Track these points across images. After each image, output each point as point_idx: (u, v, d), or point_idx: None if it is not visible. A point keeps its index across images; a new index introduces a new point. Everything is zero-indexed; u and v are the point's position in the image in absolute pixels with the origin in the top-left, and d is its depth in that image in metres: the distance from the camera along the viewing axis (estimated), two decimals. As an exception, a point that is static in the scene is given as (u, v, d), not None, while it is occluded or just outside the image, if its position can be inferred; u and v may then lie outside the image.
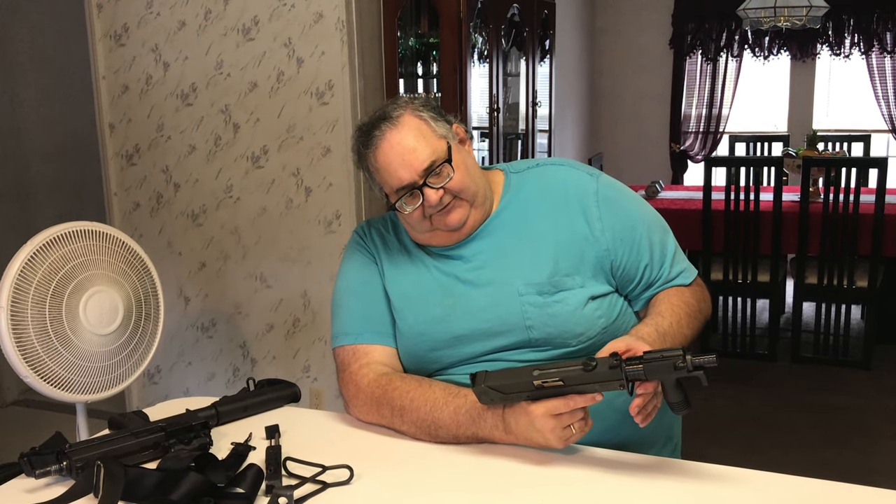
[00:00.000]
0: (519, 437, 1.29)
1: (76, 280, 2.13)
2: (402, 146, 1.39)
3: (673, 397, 1.22)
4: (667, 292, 1.49)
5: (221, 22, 3.02)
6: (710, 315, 1.56)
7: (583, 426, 1.25)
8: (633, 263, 1.46)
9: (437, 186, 1.39)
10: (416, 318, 1.46)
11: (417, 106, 1.44)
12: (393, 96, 3.09)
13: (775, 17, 4.43)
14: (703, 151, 6.32)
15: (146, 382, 3.43)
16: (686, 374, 1.18)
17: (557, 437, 1.24)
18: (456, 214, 1.42)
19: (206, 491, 1.17)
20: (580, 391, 1.21)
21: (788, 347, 4.20)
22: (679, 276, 1.51)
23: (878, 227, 3.85)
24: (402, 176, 1.39)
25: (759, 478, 1.23)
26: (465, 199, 1.42)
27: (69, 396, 2.11)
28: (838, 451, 3.16)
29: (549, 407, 1.23)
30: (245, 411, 1.51)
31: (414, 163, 1.38)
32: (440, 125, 1.43)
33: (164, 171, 3.23)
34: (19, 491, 1.25)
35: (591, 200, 1.46)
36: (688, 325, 1.44)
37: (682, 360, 1.17)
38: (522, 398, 1.25)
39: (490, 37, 3.44)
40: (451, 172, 1.39)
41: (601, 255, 1.44)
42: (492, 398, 1.27)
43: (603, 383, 1.20)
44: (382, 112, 1.43)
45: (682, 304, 1.46)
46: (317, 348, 3.13)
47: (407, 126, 1.40)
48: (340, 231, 2.99)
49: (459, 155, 1.43)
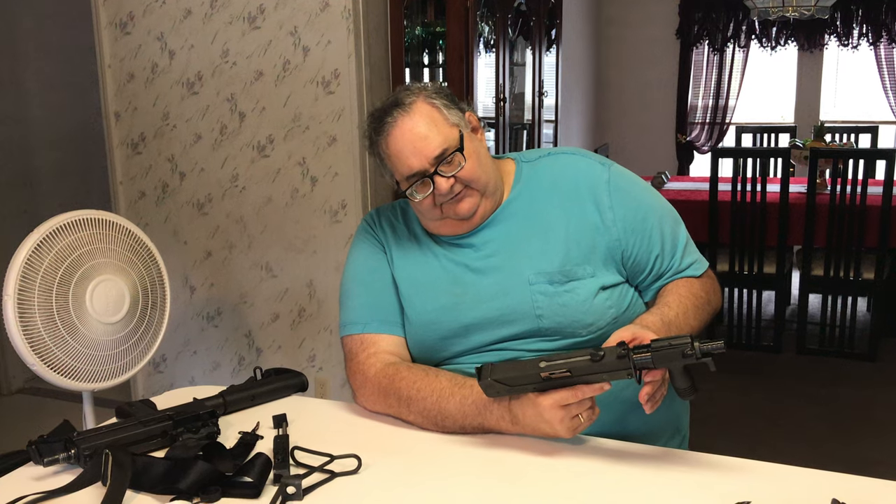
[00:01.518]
0: (526, 428, 1.29)
1: (82, 269, 2.13)
2: (414, 133, 1.38)
3: (681, 383, 1.22)
4: (675, 283, 1.49)
5: (227, 10, 3.01)
6: (719, 307, 1.55)
7: (591, 415, 1.24)
8: (644, 254, 1.46)
9: (448, 175, 1.38)
10: (425, 307, 1.46)
11: (430, 93, 1.42)
12: (399, 85, 3.08)
13: (783, 7, 4.41)
14: (710, 142, 6.31)
15: (152, 371, 3.44)
16: (694, 360, 1.18)
17: (566, 427, 1.24)
18: (466, 203, 1.41)
19: (213, 480, 1.17)
20: (588, 381, 1.21)
21: (794, 339, 4.20)
22: (689, 268, 1.50)
23: (885, 219, 3.83)
24: (412, 163, 1.38)
25: (765, 469, 1.23)
26: (476, 188, 1.41)
27: (76, 385, 2.11)
28: (843, 443, 3.16)
29: (556, 398, 1.22)
30: (252, 400, 1.51)
31: (425, 150, 1.37)
32: (453, 113, 1.42)
33: (169, 160, 3.22)
34: (27, 479, 1.25)
35: (602, 190, 1.45)
36: (694, 317, 1.43)
37: (690, 348, 1.17)
38: (529, 390, 1.25)
39: (497, 26, 3.43)
40: (463, 161, 1.39)
41: (612, 245, 1.43)
42: (498, 391, 1.27)
43: (611, 373, 1.20)
44: (395, 98, 1.42)
45: (689, 296, 1.46)
46: (322, 338, 3.14)
47: (419, 113, 1.39)
48: (346, 220, 2.99)
49: (472, 144, 1.42)
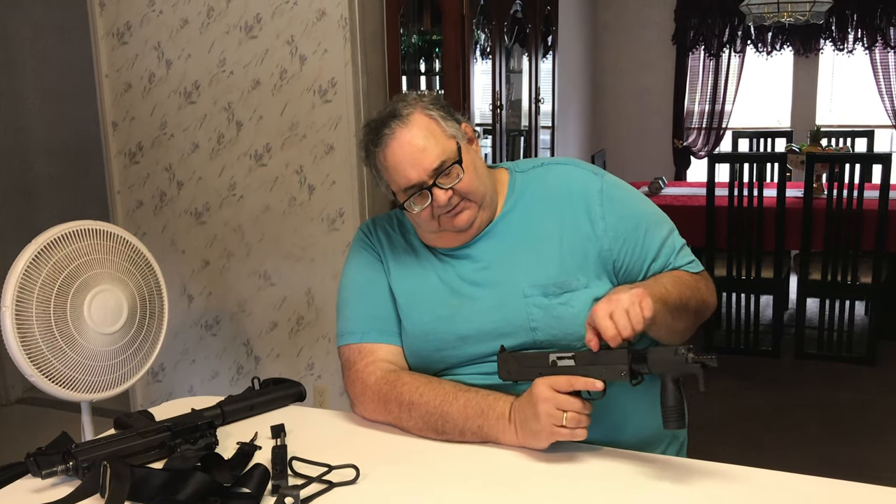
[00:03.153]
0: (517, 424, 1.30)
1: (80, 279, 2.13)
2: (412, 145, 1.38)
3: (670, 400, 1.20)
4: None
5: (224, 19, 3.02)
6: (712, 303, 1.51)
7: (576, 421, 1.24)
8: (637, 263, 1.45)
9: (446, 187, 1.38)
10: (422, 318, 1.46)
11: (427, 104, 1.42)
12: (396, 93, 3.08)
13: (778, 12, 4.42)
14: (706, 147, 6.32)
15: (150, 380, 3.44)
16: (686, 361, 1.17)
17: (548, 421, 1.24)
18: (464, 216, 1.42)
19: (212, 491, 1.17)
20: (587, 374, 1.24)
21: (792, 344, 4.20)
22: (682, 267, 1.48)
23: (881, 223, 3.84)
24: (411, 175, 1.38)
25: (764, 476, 1.23)
26: (473, 199, 1.41)
27: (74, 395, 2.11)
28: (842, 448, 3.16)
29: (550, 381, 1.26)
30: (250, 411, 1.51)
31: (423, 162, 1.37)
32: (450, 124, 1.42)
33: (167, 170, 3.23)
34: (26, 491, 1.25)
35: (594, 199, 1.45)
36: (674, 286, 1.39)
37: (683, 349, 1.18)
38: (535, 374, 1.30)
39: (493, 33, 3.43)
40: (461, 173, 1.39)
41: (603, 255, 1.43)
42: (509, 370, 1.35)
43: (609, 366, 1.23)
44: (392, 109, 1.41)
45: (668, 275, 1.43)
46: (320, 346, 3.14)
47: (417, 125, 1.39)
48: (344, 229, 2.99)
49: (468, 155, 1.42)
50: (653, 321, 1.25)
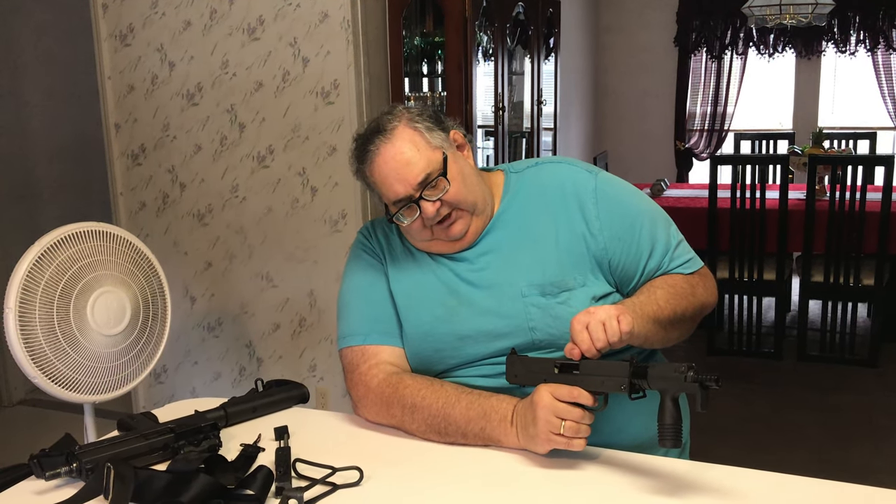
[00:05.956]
0: (518, 427, 1.30)
1: (83, 281, 2.14)
2: (397, 161, 1.39)
3: (667, 418, 1.18)
4: (653, 279, 1.46)
5: (227, 22, 3.02)
6: (710, 303, 1.50)
7: (574, 430, 1.23)
8: (633, 261, 1.44)
9: (433, 199, 1.39)
10: (421, 319, 1.46)
11: (413, 116, 1.42)
12: (398, 95, 3.09)
13: (780, 14, 4.42)
14: (708, 149, 6.32)
15: (152, 382, 3.44)
16: (684, 380, 1.15)
17: (545, 428, 1.24)
18: (458, 226, 1.43)
19: (216, 493, 1.17)
20: (589, 383, 1.23)
21: (794, 346, 4.20)
22: (678, 268, 1.47)
23: (884, 225, 3.84)
24: (397, 190, 1.39)
25: (766, 478, 1.23)
26: (464, 208, 1.42)
27: (77, 397, 2.11)
28: (844, 450, 3.16)
29: (552, 388, 1.25)
30: (254, 412, 1.51)
31: (408, 176, 1.38)
32: (435, 136, 1.42)
33: (169, 171, 3.23)
34: (29, 493, 1.25)
35: (588, 198, 1.45)
36: (665, 300, 1.38)
37: (684, 367, 1.16)
38: (541, 380, 1.29)
39: (495, 35, 3.44)
40: (447, 185, 1.39)
41: (599, 254, 1.43)
42: (516, 373, 1.34)
43: (612, 377, 1.22)
44: (377, 124, 1.42)
45: (662, 285, 1.42)
46: (323, 348, 3.14)
47: (401, 139, 1.39)
48: (346, 230, 2.99)
49: (456, 164, 1.42)
50: (633, 336, 1.26)
